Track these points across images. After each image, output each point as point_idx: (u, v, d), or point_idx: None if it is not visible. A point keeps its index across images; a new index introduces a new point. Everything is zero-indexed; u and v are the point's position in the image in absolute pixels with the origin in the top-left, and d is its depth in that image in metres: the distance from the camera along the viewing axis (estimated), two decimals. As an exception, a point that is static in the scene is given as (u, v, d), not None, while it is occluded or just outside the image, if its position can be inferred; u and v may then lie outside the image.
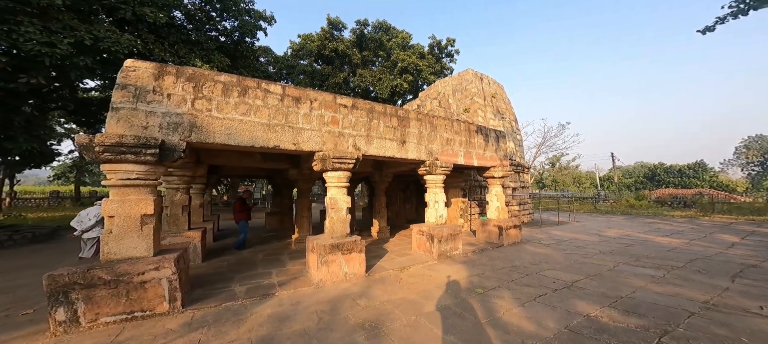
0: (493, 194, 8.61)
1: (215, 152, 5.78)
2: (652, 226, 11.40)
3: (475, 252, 6.98)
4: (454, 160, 7.13)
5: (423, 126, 6.55)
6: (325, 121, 4.67)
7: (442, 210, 6.81)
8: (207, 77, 3.45)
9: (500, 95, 14.26)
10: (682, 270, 5.19)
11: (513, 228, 8.15)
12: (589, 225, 12.00)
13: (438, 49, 24.77)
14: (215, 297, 3.68)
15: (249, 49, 14.35)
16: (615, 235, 9.26)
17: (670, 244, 7.65)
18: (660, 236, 8.98)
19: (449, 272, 5.24)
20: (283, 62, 23.67)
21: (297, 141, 4.28)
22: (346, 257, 4.67)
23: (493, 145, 8.36)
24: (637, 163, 67.21)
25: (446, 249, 6.41)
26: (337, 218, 4.85)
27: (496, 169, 8.31)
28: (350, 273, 4.72)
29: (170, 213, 5.22)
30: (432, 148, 6.68)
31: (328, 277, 4.48)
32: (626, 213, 17.27)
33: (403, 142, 6.04)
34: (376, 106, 5.61)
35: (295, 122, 4.30)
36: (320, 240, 4.63)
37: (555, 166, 47.62)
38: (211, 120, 3.43)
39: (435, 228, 6.44)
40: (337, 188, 4.92)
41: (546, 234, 9.54)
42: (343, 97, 5.05)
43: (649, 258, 6.14)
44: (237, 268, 5.30)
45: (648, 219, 13.89)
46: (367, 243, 8.65)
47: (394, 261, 5.99)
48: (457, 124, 7.41)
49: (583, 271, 5.11)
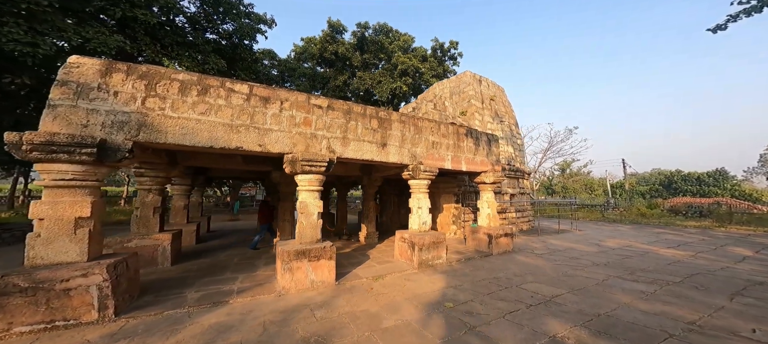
0: (484, 200, 8.37)
1: (191, 153, 5.78)
2: (660, 237, 10.87)
3: (461, 261, 6.76)
4: (440, 165, 6.95)
5: (406, 128, 6.42)
6: (297, 122, 4.60)
7: (425, 216, 6.63)
8: (162, 75, 3.43)
9: (500, 98, 14.00)
10: (678, 285, 4.86)
11: (504, 236, 7.88)
12: (591, 235, 11.54)
13: (441, 51, 24.67)
14: (161, 305, 3.60)
15: (247, 51, 14.54)
16: (615, 246, 8.85)
17: (673, 257, 7.24)
18: (664, 248, 8.53)
19: (426, 283, 5.06)
20: (285, 65, 23.98)
21: (263, 142, 4.21)
22: (314, 264, 4.55)
23: (485, 149, 8.14)
24: (653, 170, 64.93)
25: (428, 257, 6.21)
26: (307, 223, 4.74)
27: (487, 174, 8.08)
28: (318, 281, 4.59)
29: (140, 214, 5.22)
30: (416, 151, 6.54)
31: (292, 285, 4.36)
32: (636, 223, 16.60)
33: (383, 144, 5.91)
34: (354, 107, 5.52)
35: (262, 123, 4.24)
36: (287, 246, 4.52)
37: (565, 172, 46.50)
38: (164, 119, 3.40)
39: (417, 235, 6.26)
40: (309, 192, 4.82)
41: (542, 244, 9.20)
42: (318, 98, 4.98)
43: (646, 271, 5.79)
44: (205, 273, 5.24)
45: (657, 229, 13.29)
46: (351, 248, 8.60)
47: (371, 270, 5.84)
48: (444, 127, 7.24)
49: (568, 285, 4.84)
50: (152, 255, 5.19)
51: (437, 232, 6.54)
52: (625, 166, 24.90)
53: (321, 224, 4.79)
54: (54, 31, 6.23)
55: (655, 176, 52.62)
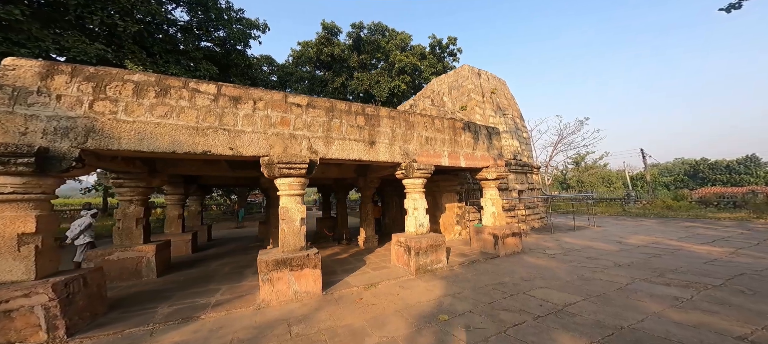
0: (487, 198, 7.77)
1: (172, 161, 5.56)
2: (691, 231, 9.86)
3: (464, 264, 6.20)
4: (435, 161, 6.46)
5: (397, 124, 5.97)
6: (273, 122, 4.26)
7: (422, 217, 6.13)
8: (113, 76, 3.17)
9: (501, 90, 13.32)
10: (719, 289, 4.14)
11: (511, 236, 7.25)
12: (611, 231, 10.62)
13: (439, 48, 24.12)
14: (125, 322, 3.30)
15: (240, 56, 14.55)
16: (639, 243, 8.00)
17: (709, 254, 6.40)
18: (698, 244, 7.63)
19: (422, 291, 4.56)
20: (282, 70, 24.10)
21: (235, 145, 3.88)
22: (297, 274, 4.16)
23: (485, 144, 7.57)
24: (676, 160, 61.30)
25: (426, 262, 5.70)
26: (289, 230, 4.36)
27: (489, 169, 7.50)
28: (302, 291, 4.19)
29: (122, 226, 5.02)
30: (408, 148, 6.08)
31: (273, 297, 3.98)
32: (661, 216, 15.35)
33: (371, 142, 5.49)
34: (337, 104, 5.14)
35: (233, 124, 3.92)
36: (267, 255, 4.16)
37: (579, 166, 44.58)
38: (116, 124, 3.12)
39: (413, 238, 5.77)
40: (290, 196, 4.45)
41: (555, 242, 8.47)
42: (296, 96, 4.63)
43: (677, 272, 5.05)
44: (189, 284, 4.95)
45: (686, 223, 12.14)
46: (348, 254, 8.18)
47: (364, 277, 5.39)
48: (439, 121, 6.75)
49: (584, 291, 4.22)
50: (136, 267, 4.97)
51: (436, 234, 6.02)
52: (645, 156, 23.35)
53: (304, 230, 4.40)
54: (31, 41, 6.23)
55: (679, 166, 49.54)
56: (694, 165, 36.76)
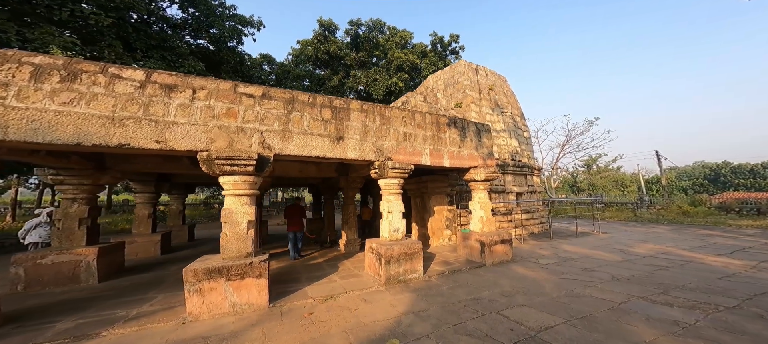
0: (475, 201, 7.20)
1: (123, 157, 5.21)
2: (707, 240, 9.03)
3: (444, 275, 5.66)
4: (415, 160, 5.95)
5: (370, 118, 5.50)
6: (216, 113, 3.84)
7: (397, 222, 5.63)
8: (7, 57, 2.81)
9: (500, 87, 12.68)
10: (733, 312, 3.50)
11: (499, 243, 6.66)
12: (618, 238, 9.86)
13: (441, 46, 23.56)
14: (5, 342, 2.90)
15: (231, 53, 14.35)
16: (646, 253, 7.28)
17: (725, 268, 5.67)
18: (714, 255, 6.87)
19: (385, 306, 4.07)
20: (281, 68, 23.95)
21: (163, 138, 3.48)
22: (235, 284, 3.72)
23: (473, 141, 7.00)
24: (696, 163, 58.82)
25: (398, 272, 5.19)
26: (233, 234, 3.93)
27: (478, 170, 6.93)
28: (242, 304, 3.75)
29: (62, 227, 4.69)
30: (383, 145, 5.59)
31: (204, 310, 3.55)
32: (676, 223, 14.39)
33: (339, 138, 5.03)
34: (299, 96, 4.70)
35: (163, 115, 3.52)
36: (201, 263, 3.73)
37: (591, 169, 43.12)
38: (4, 111, 2.75)
39: (384, 245, 5.27)
40: (235, 197, 4.02)
41: (552, 250, 7.81)
42: (248, 85, 4.22)
43: (685, 289, 4.40)
44: (125, 291, 4.55)
45: (704, 231, 11.24)
46: (325, 258, 7.69)
47: (328, 286, 4.92)
48: (420, 116, 6.24)
49: (569, 311, 3.64)
50: (74, 271, 4.63)
51: (411, 241, 5.50)
52: (660, 159, 22.15)
53: (252, 234, 3.96)
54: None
55: (699, 169, 47.37)
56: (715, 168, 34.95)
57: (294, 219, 7.17)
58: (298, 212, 7.22)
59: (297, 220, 7.17)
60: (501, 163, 11.00)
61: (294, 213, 7.21)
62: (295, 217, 7.17)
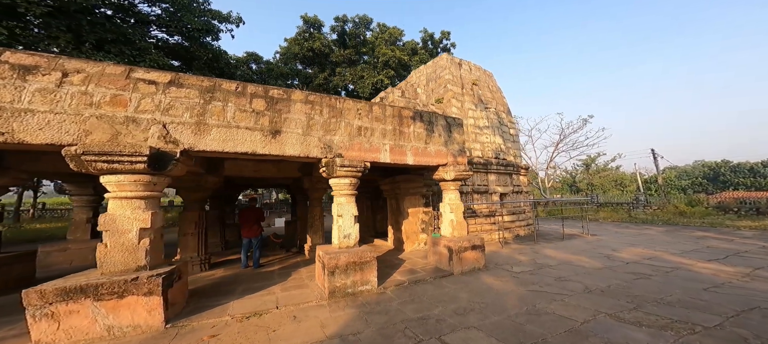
0: (445, 203, 6.71)
1: (31, 154, 4.65)
2: (700, 243, 8.58)
3: (402, 286, 5.14)
4: (371, 157, 5.43)
5: (316, 110, 4.98)
6: (96, 101, 3.30)
7: (348, 227, 5.10)
8: None
9: (485, 82, 12.20)
10: (711, 333, 3.01)
11: (470, 249, 6.15)
12: (606, 241, 9.40)
13: (431, 43, 23.14)
14: None
15: (202, 48, 13.80)
16: (631, 258, 6.80)
17: (714, 276, 5.20)
18: (704, 260, 6.40)
19: (314, 325, 3.56)
20: (267, 66, 23.41)
21: (9, 128, 2.92)
22: (111, 304, 3.12)
23: (442, 137, 6.50)
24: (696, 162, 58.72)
25: (345, 284, 4.67)
26: (115, 245, 3.32)
27: (447, 168, 6.43)
28: (124, 326, 3.16)
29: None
30: (332, 140, 5.07)
31: (59, 337, 2.96)
32: (671, 223, 13.97)
33: (274, 132, 4.50)
34: (222, 84, 4.18)
35: (12, 101, 2.96)
36: (58, 283, 3.10)
37: (590, 168, 42.90)
38: None
39: (330, 253, 4.76)
40: (119, 200, 3.40)
41: (532, 256, 7.32)
42: (150, 70, 3.69)
43: (662, 304, 3.91)
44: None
45: (698, 233, 10.80)
46: (284, 264, 7.11)
47: (259, 301, 4.39)
48: (378, 109, 5.73)
49: (521, 334, 3.13)
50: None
51: (363, 249, 4.99)
52: (656, 157, 21.76)
53: (146, 244, 3.41)
54: None
55: (699, 168, 47.18)
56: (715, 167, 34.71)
57: (248, 223, 6.59)
58: (253, 216, 6.64)
59: (251, 225, 6.58)
60: (483, 161, 10.51)
61: (248, 217, 6.64)
62: (250, 222, 6.59)
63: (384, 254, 8.38)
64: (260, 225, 6.69)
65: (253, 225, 6.50)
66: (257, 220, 6.63)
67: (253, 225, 6.50)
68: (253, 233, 6.49)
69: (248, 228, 6.49)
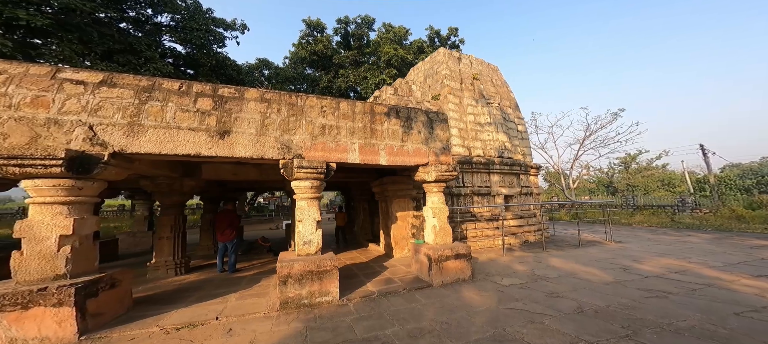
0: (428, 206, 6.23)
1: None
2: (753, 255, 7.21)
3: (370, 298, 4.75)
4: (337, 157, 5.13)
5: (273, 109, 4.79)
6: (15, 102, 3.30)
7: (309, 233, 4.82)
8: None
9: (487, 76, 11.42)
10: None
11: (453, 259, 5.59)
12: (631, 249, 8.24)
13: (439, 40, 22.50)
14: None
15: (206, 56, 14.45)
16: (654, 270, 5.81)
17: (759, 297, 4.23)
18: (750, 277, 5.29)
19: (239, 342, 3.29)
20: (275, 71, 24.17)
21: None
22: (14, 316, 2.98)
23: (422, 134, 6.03)
24: (764, 159, 51.31)
25: (300, 294, 4.38)
26: (33, 253, 3.24)
27: (428, 168, 5.95)
28: (29, 338, 3.02)
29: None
30: (292, 139, 4.85)
31: None
32: (723, 229, 12.08)
33: (223, 132, 4.36)
34: (163, 83, 4.11)
35: None
36: None
37: (629, 168, 39.29)
38: None
39: (284, 261, 4.51)
40: (38, 205, 3.36)
41: (532, 266, 6.54)
42: (79, 70, 3.69)
43: (669, 331, 3.15)
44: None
45: (755, 241, 9.17)
46: (260, 270, 6.93)
47: (205, 310, 4.24)
48: (346, 105, 5.42)
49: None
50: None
51: (322, 257, 4.67)
52: (706, 154, 19.11)
53: (67, 251, 3.34)
54: None
55: (767, 166, 41.15)
56: (788, 163, 29.85)
57: (222, 228, 6.56)
58: (226, 220, 6.61)
59: (225, 229, 6.54)
60: (485, 160, 9.78)
61: (222, 221, 6.62)
62: (223, 226, 6.56)
63: (371, 260, 8.01)
64: (235, 229, 6.64)
65: (226, 229, 6.46)
66: (231, 224, 6.59)
67: (226, 229, 6.46)
68: (226, 237, 6.45)
69: (222, 233, 6.46)
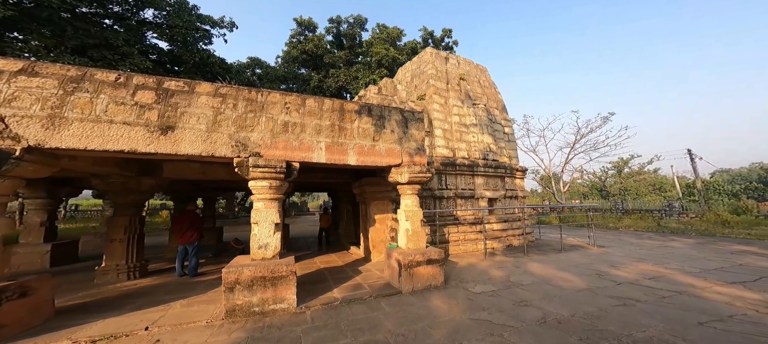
0: (401, 209, 6.03)
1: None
2: (732, 260, 7.17)
3: (330, 306, 4.53)
4: (300, 156, 4.91)
5: (227, 104, 4.55)
6: None
7: (265, 236, 4.58)
8: None
9: (475, 77, 11.31)
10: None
11: (424, 264, 5.40)
12: (612, 254, 8.16)
13: (432, 41, 22.48)
14: None
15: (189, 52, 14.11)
16: (629, 276, 5.69)
17: (728, 305, 4.12)
18: (725, 283, 5.20)
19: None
20: (266, 70, 23.87)
21: None
22: None
23: (396, 133, 5.84)
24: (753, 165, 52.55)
25: (250, 302, 4.14)
26: None
27: (401, 169, 5.75)
28: None
29: None
30: (249, 137, 4.60)
31: None
32: (707, 234, 12.14)
33: (166, 128, 4.09)
34: (96, 74, 3.83)
35: None
36: None
37: (622, 172, 39.80)
38: None
39: (233, 267, 4.26)
40: None
41: (509, 271, 6.38)
42: None
43: (628, 342, 2.98)
44: None
45: (737, 246, 9.18)
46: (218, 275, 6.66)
47: (138, 318, 4.03)
48: (313, 102, 5.20)
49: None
50: None
51: (276, 262, 4.44)
52: (694, 159, 19.32)
53: None
54: None
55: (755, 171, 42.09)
56: (775, 168, 30.50)
57: (181, 230, 6.23)
58: (186, 222, 6.31)
59: (184, 232, 6.19)
60: (469, 162, 9.64)
61: (181, 224, 6.31)
62: (183, 228, 6.24)
63: (347, 264, 7.79)
64: (197, 230, 6.34)
65: (185, 231, 6.17)
66: (193, 226, 6.29)
67: (185, 231, 6.17)
68: (187, 239, 6.16)
69: (181, 235, 6.16)
